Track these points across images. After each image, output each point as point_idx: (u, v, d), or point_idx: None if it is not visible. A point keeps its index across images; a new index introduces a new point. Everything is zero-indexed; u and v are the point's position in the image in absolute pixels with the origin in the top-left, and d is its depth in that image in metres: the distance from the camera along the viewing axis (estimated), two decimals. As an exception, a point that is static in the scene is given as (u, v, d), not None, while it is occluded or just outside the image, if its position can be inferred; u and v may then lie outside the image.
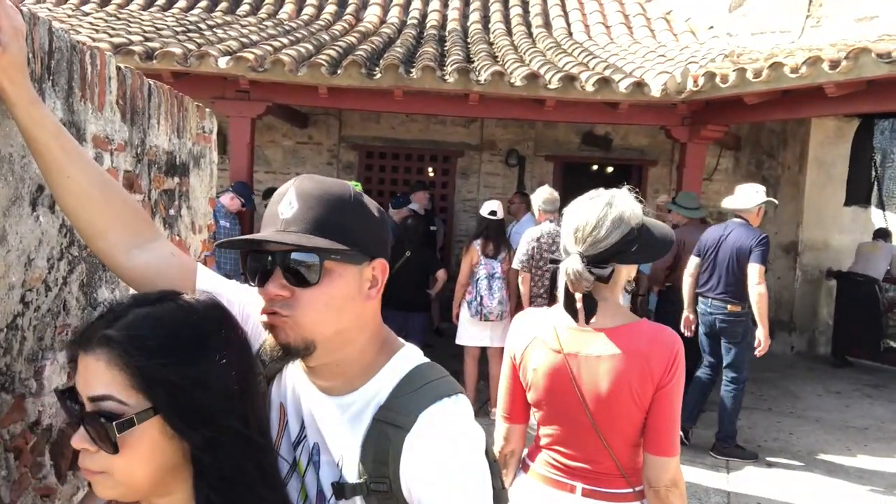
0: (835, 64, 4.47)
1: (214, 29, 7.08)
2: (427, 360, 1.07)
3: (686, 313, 4.81)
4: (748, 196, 4.61)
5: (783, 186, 7.93)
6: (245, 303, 1.17)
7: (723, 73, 5.39)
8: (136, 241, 1.11)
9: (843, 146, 7.50)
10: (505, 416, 1.76)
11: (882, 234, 7.44)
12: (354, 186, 4.49)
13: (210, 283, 1.14)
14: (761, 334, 4.41)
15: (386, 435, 0.97)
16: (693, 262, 4.79)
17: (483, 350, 5.24)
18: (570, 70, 5.88)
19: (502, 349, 5.08)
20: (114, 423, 0.81)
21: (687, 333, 4.68)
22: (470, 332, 5.16)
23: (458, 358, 5.29)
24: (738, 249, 4.49)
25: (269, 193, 6.82)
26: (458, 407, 1.00)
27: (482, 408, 5.15)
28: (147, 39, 5.99)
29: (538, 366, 1.63)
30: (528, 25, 8.52)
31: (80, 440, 0.84)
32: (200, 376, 0.85)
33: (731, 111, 5.86)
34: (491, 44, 7.53)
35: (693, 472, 4.39)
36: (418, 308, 5.59)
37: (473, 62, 6.25)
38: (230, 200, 5.76)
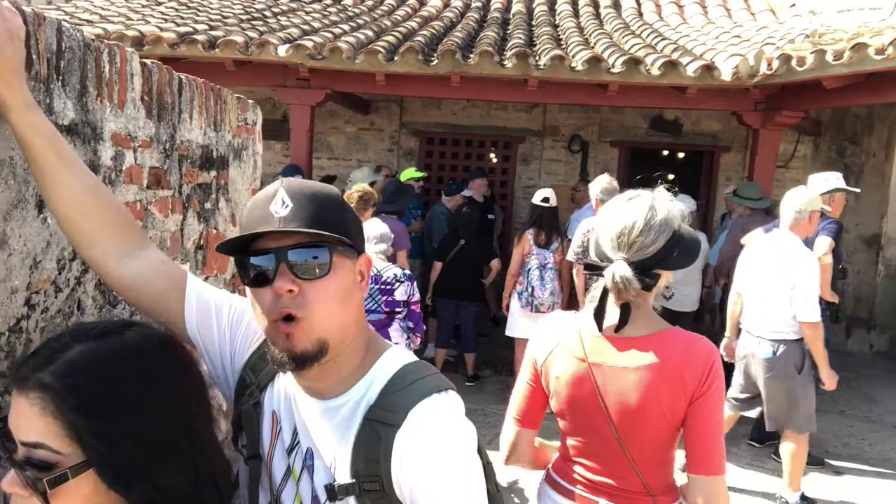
0: (926, 44, 4.10)
1: (279, 16, 7.17)
2: (415, 358, 1.08)
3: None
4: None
5: (867, 175, 7.41)
6: (235, 307, 1.18)
7: (800, 55, 5.04)
8: (128, 248, 1.11)
9: (937, 132, 6.94)
10: (516, 419, 1.67)
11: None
12: (410, 174, 4.44)
13: (199, 291, 1.15)
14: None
15: (377, 434, 0.97)
16: None
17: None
18: (636, 53, 5.64)
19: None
20: (44, 479, 0.76)
21: None
22: (521, 324, 5.06)
23: (513, 347, 5.22)
24: None
25: (327, 181, 6.85)
26: (448, 402, 1.00)
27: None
28: (212, 28, 6.11)
29: (561, 374, 1.55)
30: (596, 6, 8.25)
31: (10, 483, 0.79)
32: (142, 430, 0.80)
33: (808, 96, 5.49)
34: (556, 26, 7.33)
35: (752, 476, 4.19)
36: (472, 297, 5.54)
37: (535, 45, 6.09)
38: None
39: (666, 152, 9.42)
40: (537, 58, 5.58)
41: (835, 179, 4.41)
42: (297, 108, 6.16)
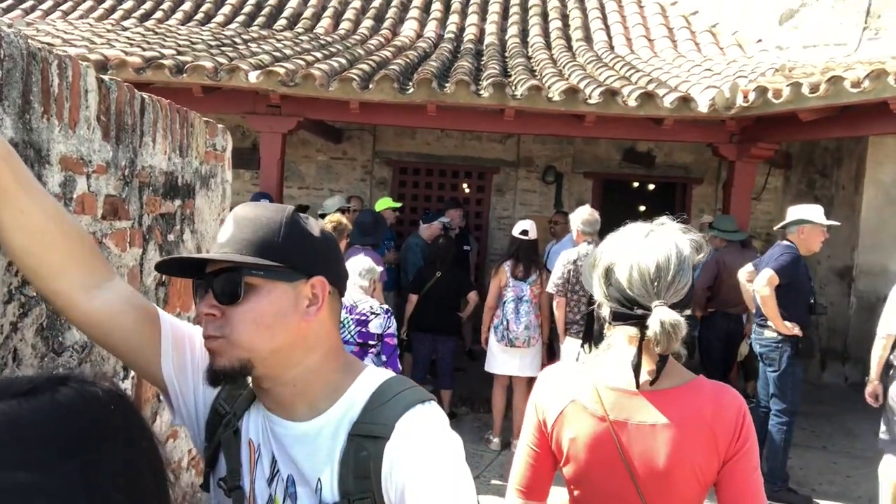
0: (901, 78, 4.13)
1: (249, 43, 7.03)
2: (393, 374, 1.06)
3: None
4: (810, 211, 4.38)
5: (837, 207, 7.49)
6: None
7: (776, 87, 5.07)
8: (95, 279, 1.01)
9: (905, 165, 7.05)
10: (521, 490, 1.46)
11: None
12: (387, 204, 4.25)
13: (173, 324, 1.09)
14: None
15: (364, 448, 0.96)
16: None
17: (511, 378, 4.97)
18: (612, 84, 5.62)
19: (529, 379, 4.91)
20: None
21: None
22: (499, 360, 4.90)
23: (489, 382, 5.05)
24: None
25: (300, 211, 6.66)
26: (433, 412, 1.00)
27: (510, 442, 4.86)
28: (180, 53, 5.94)
29: (577, 435, 1.36)
30: (568, 39, 8.29)
31: None
32: None
33: (783, 128, 5.52)
34: (529, 58, 7.32)
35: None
36: (448, 331, 5.37)
37: (510, 76, 6.04)
38: None
39: (638, 184, 9.45)
40: (514, 87, 5.52)
41: (808, 212, 4.40)
42: (267, 135, 5.99)
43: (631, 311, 1.31)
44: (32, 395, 0.62)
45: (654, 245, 1.34)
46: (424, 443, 0.95)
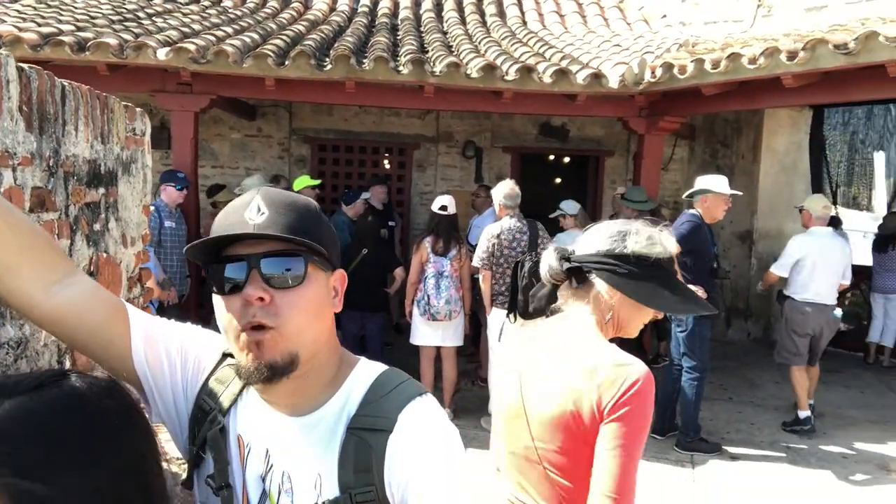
0: (792, 55, 4.43)
1: (154, 18, 6.70)
2: (387, 367, 1.06)
3: None
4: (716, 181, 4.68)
5: (737, 176, 7.96)
6: (183, 340, 1.07)
7: (681, 63, 5.32)
8: (54, 275, 0.96)
9: (796, 135, 7.57)
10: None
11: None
12: (305, 183, 4.24)
13: (142, 322, 1.04)
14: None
15: (365, 442, 0.95)
16: None
17: (439, 349, 5.09)
18: (528, 61, 5.74)
19: (455, 349, 5.05)
20: None
21: None
22: (422, 332, 5.01)
23: (418, 355, 5.14)
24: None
25: (214, 190, 6.49)
26: (432, 405, 1.01)
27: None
28: (80, 29, 5.61)
29: None
30: (482, 14, 8.35)
31: None
32: (95, 489, 0.66)
33: (688, 102, 5.81)
34: (445, 33, 7.34)
35: (658, 468, 4.35)
36: (377, 308, 5.41)
37: (428, 52, 6.06)
38: (168, 194, 5.19)
39: (554, 157, 9.71)
40: (432, 64, 5.55)
41: (712, 182, 4.67)
42: (178, 114, 5.78)
43: None
44: (42, 389, 0.67)
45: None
46: (427, 437, 0.96)
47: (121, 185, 2.14)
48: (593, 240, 1.51)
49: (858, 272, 7.76)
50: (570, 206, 5.85)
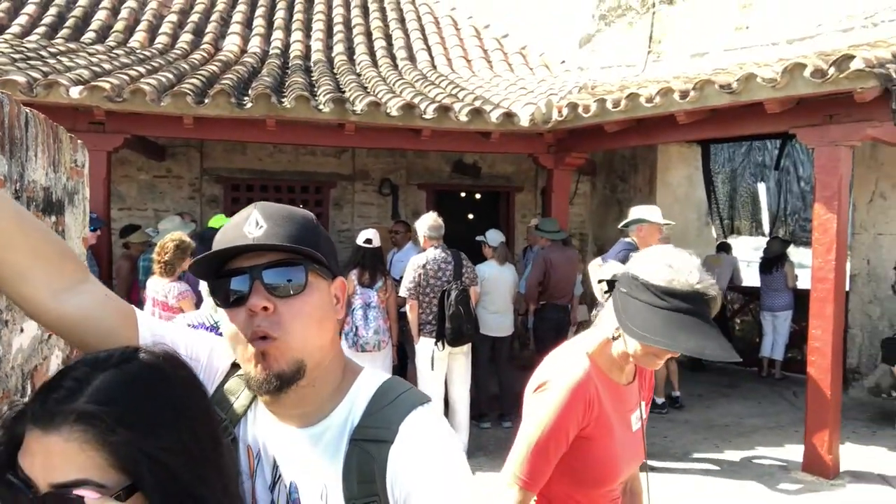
0: (684, 94, 4.91)
1: (59, 57, 6.52)
2: (389, 376, 1.08)
3: None
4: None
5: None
6: (190, 344, 1.09)
7: (585, 103, 5.75)
8: (64, 282, 0.96)
9: (686, 169, 8.25)
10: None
11: (724, 248, 8.22)
12: (221, 222, 4.28)
13: (151, 328, 1.04)
14: None
15: (368, 453, 0.96)
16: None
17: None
18: (443, 101, 6.01)
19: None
20: None
21: None
22: (350, 364, 5.04)
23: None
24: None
25: (127, 231, 6.30)
26: (434, 414, 1.01)
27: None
28: (-20, 66, 5.39)
29: None
30: (393, 58, 8.63)
31: None
32: (181, 444, 0.76)
33: (592, 139, 6.26)
34: (359, 74, 7.54)
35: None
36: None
37: (345, 92, 6.22)
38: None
39: (466, 194, 10.03)
40: (353, 103, 5.71)
41: (647, 212, 4.98)
42: (91, 153, 5.55)
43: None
44: (125, 363, 0.76)
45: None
46: (429, 447, 0.96)
47: (67, 215, 2.13)
48: (635, 261, 1.51)
49: (749, 293, 8.47)
50: (492, 237, 5.99)
